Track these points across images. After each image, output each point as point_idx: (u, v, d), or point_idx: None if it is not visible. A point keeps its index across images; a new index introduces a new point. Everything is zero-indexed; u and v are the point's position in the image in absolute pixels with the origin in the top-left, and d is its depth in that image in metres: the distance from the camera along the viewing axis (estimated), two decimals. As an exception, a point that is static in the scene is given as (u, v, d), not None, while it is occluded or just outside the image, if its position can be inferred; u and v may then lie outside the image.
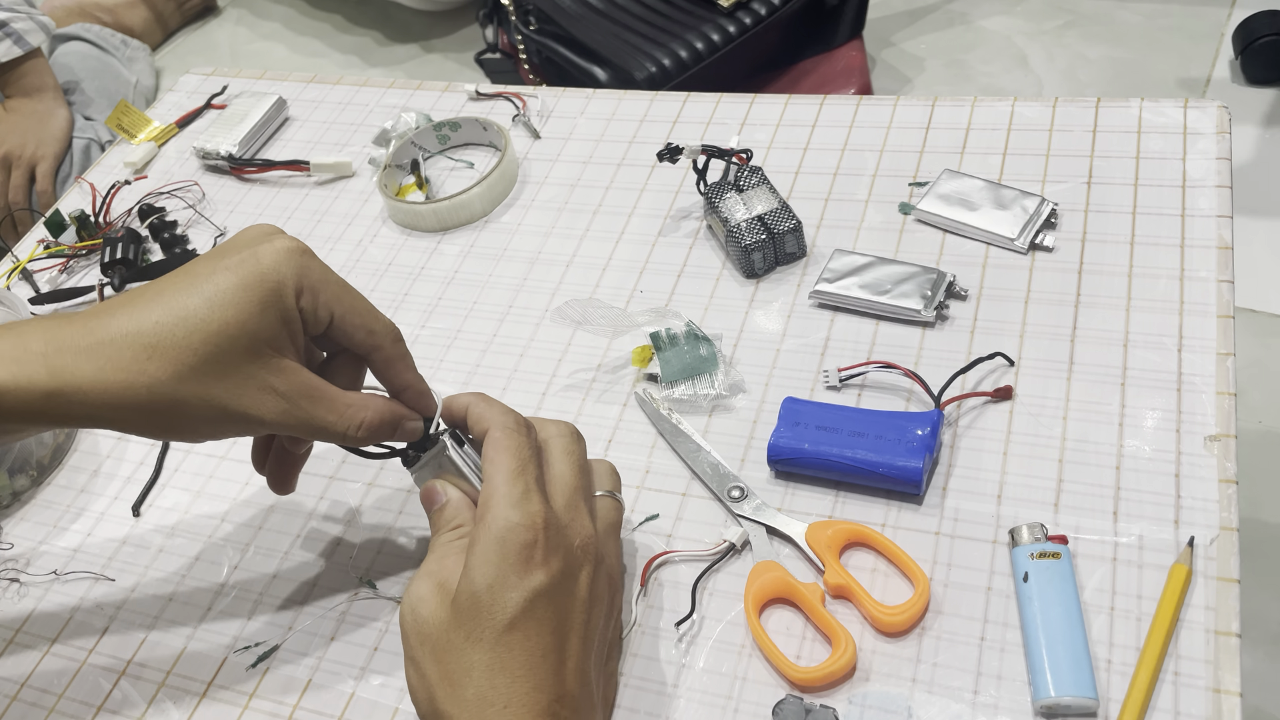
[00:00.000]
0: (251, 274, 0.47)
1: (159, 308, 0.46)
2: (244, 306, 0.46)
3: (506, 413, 0.51)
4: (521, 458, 0.49)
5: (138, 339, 0.45)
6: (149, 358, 0.45)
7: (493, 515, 0.47)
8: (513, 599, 0.45)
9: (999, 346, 0.61)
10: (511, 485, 0.48)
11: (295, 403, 0.48)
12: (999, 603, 0.52)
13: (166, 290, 0.47)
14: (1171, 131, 0.70)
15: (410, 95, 0.93)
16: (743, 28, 1.64)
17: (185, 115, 0.97)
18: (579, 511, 0.50)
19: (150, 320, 0.46)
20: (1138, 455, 0.55)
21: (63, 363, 0.45)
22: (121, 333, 0.46)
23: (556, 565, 0.47)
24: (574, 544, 0.48)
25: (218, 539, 0.64)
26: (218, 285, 0.46)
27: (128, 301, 0.47)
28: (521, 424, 0.51)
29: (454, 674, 0.45)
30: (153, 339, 0.46)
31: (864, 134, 0.77)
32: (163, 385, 0.46)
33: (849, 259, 0.67)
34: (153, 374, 0.45)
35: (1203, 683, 0.47)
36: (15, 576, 0.64)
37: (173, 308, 0.46)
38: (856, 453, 0.56)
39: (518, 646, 0.45)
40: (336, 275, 0.50)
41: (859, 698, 0.50)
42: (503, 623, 0.45)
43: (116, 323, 0.46)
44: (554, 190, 0.81)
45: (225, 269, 0.47)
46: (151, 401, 0.46)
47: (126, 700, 0.57)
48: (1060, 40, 1.89)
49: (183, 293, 0.46)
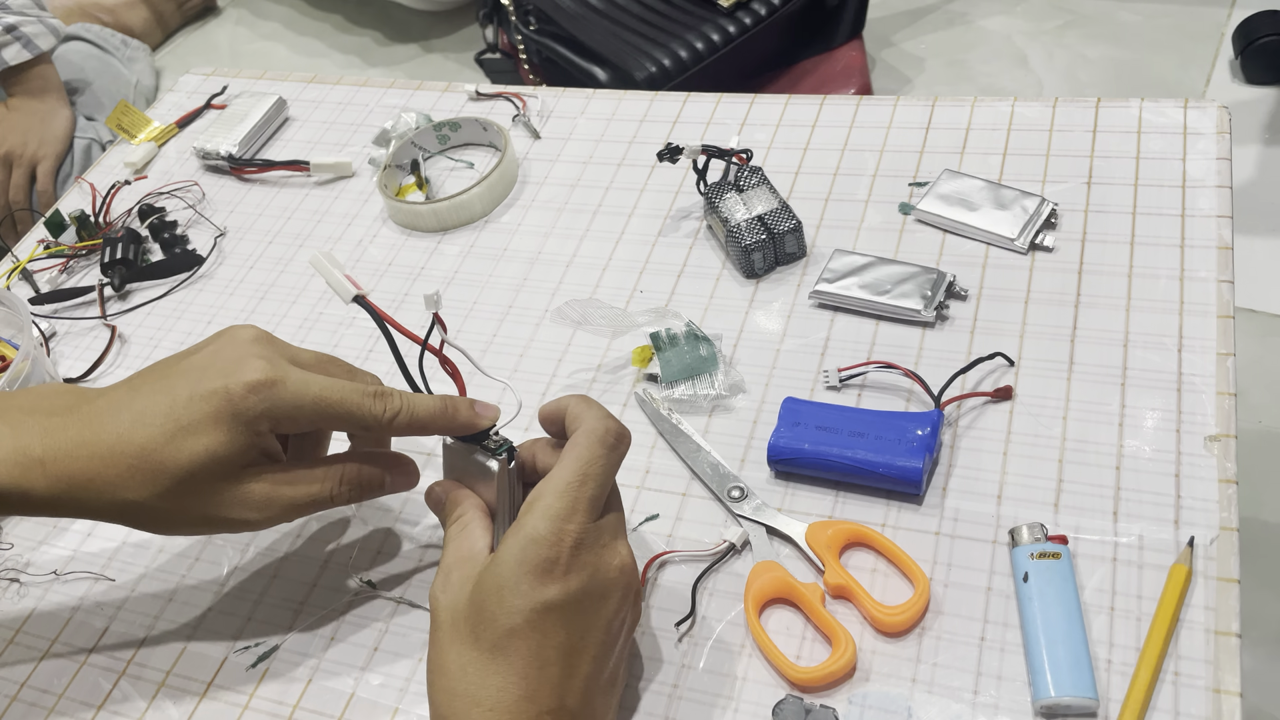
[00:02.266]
0: (223, 409, 0.49)
1: (140, 430, 0.49)
2: (213, 443, 0.49)
3: (601, 420, 0.50)
4: (585, 472, 0.48)
5: (123, 457, 0.49)
6: (132, 477, 0.49)
7: (528, 520, 0.47)
8: (519, 606, 0.45)
9: (999, 346, 0.61)
10: (559, 497, 0.47)
11: (275, 502, 0.51)
12: (999, 603, 0.52)
13: (147, 408, 0.50)
14: (1171, 132, 0.70)
15: (410, 95, 0.93)
16: (743, 28, 1.64)
17: (185, 115, 0.97)
18: (619, 535, 0.49)
19: (134, 443, 0.49)
20: (1138, 455, 0.55)
21: (60, 471, 0.49)
22: (109, 448, 0.49)
23: (577, 583, 0.46)
24: (607, 566, 0.47)
25: (218, 539, 0.64)
26: (191, 414, 0.49)
27: (115, 407, 0.50)
28: (611, 438, 0.49)
29: (451, 666, 0.45)
30: (136, 460, 0.49)
31: (864, 134, 0.77)
32: (146, 500, 0.49)
33: (849, 259, 0.67)
34: (136, 491, 0.49)
35: (1203, 683, 0.47)
36: (15, 576, 0.64)
37: (151, 433, 0.49)
38: (856, 453, 0.56)
39: (516, 654, 0.45)
40: (312, 390, 0.50)
41: (859, 698, 0.50)
42: (505, 627, 0.45)
43: (107, 436, 0.49)
44: (554, 190, 0.81)
45: (200, 398, 0.49)
46: (137, 510, 0.50)
47: (126, 700, 0.57)
48: (1060, 40, 1.89)
49: (159, 416, 0.49)
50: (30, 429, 0.50)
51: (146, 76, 2.07)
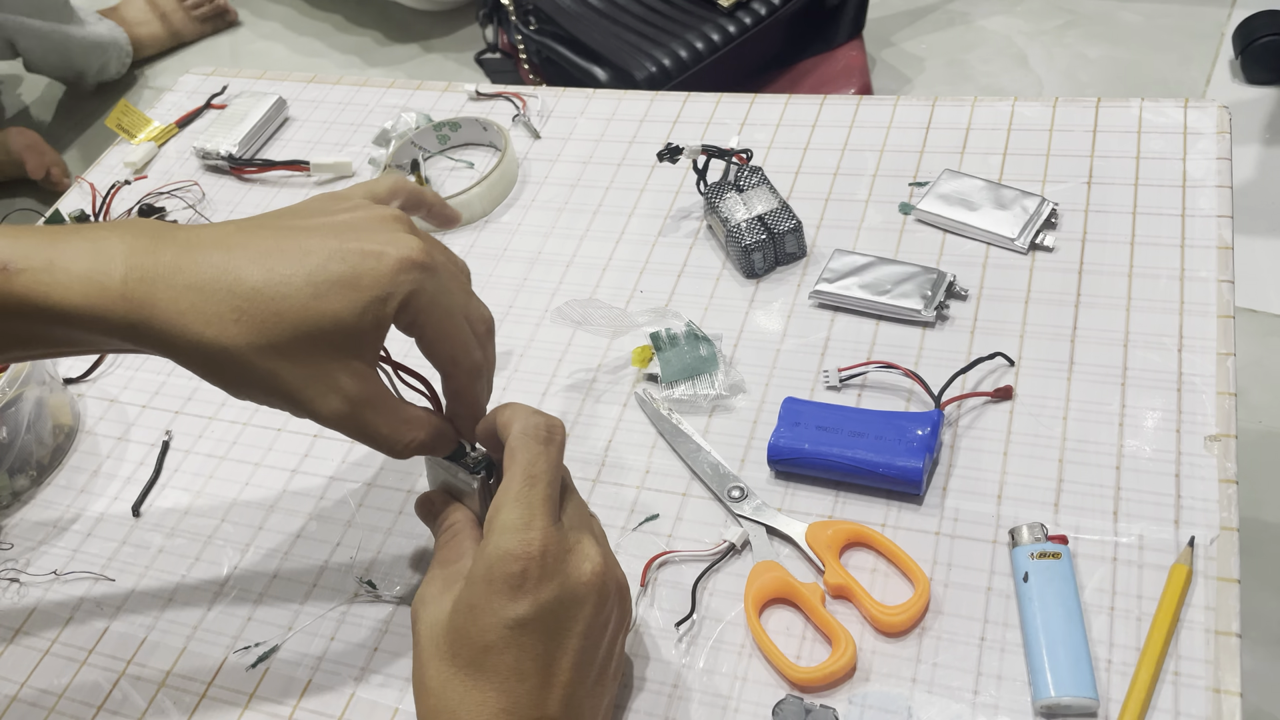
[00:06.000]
0: (367, 275, 0.44)
1: (259, 269, 0.44)
2: (346, 304, 0.44)
3: (529, 417, 0.48)
4: (530, 473, 0.46)
5: (229, 297, 0.43)
6: (236, 320, 0.43)
7: (490, 538, 0.45)
8: (491, 624, 0.44)
9: (999, 346, 0.61)
10: (513, 507, 0.46)
11: (357, 407, 0.46)
12: (999, 603, 0.52)
13: (271, 249, 0.44)
14: (1171, 131, 0.70)
15: (410, 95, 0.93)
16: (743, 28, 1.64)
17: (185, 115, 0.96)
18: (585, 536, 0.48)
19: (247, 282, 0.43)
20: (1138, 455, 0.55)
21: (143, 295, 0.43)
22: (212, 282, 0.43)
23: (548, 594, 0.45)
24: (578, 572, 0.46)
25: (218, 539, 0.64)
26: (327, 270, 0.44)
27: (223, 242, 0.45)
28: (542, 431, 0.47)
29: (432, 683, 0.45)
30: (244, 301, 0.43)
31: (864, 134, 0.77)
32: (240, 350, 0.43)
33: (849, 259, 0.67)
34: (234, 336, 0.43)
35: (1203, 683, 0.47)
36: (15, 576, 0.64)
37: (273, 276, 0.44)
38: (856, 453, 0.56)
39: (493, 670, 0.44)
40: (446, 300, 0.47)
41: (859, 698, 0.50)
42: (480, 645, 0.44)
43: (209, 268, 0.44)
44: (554, 190, 0.81)
45: (341, 255, 0.44)
46: (223, 358, 0.44)
47: (126, 700, 0.57)
48: (1060, 40, 1.89)
49: (288, 260, 0.44)
50: (113, 241, 0.44)
51: None
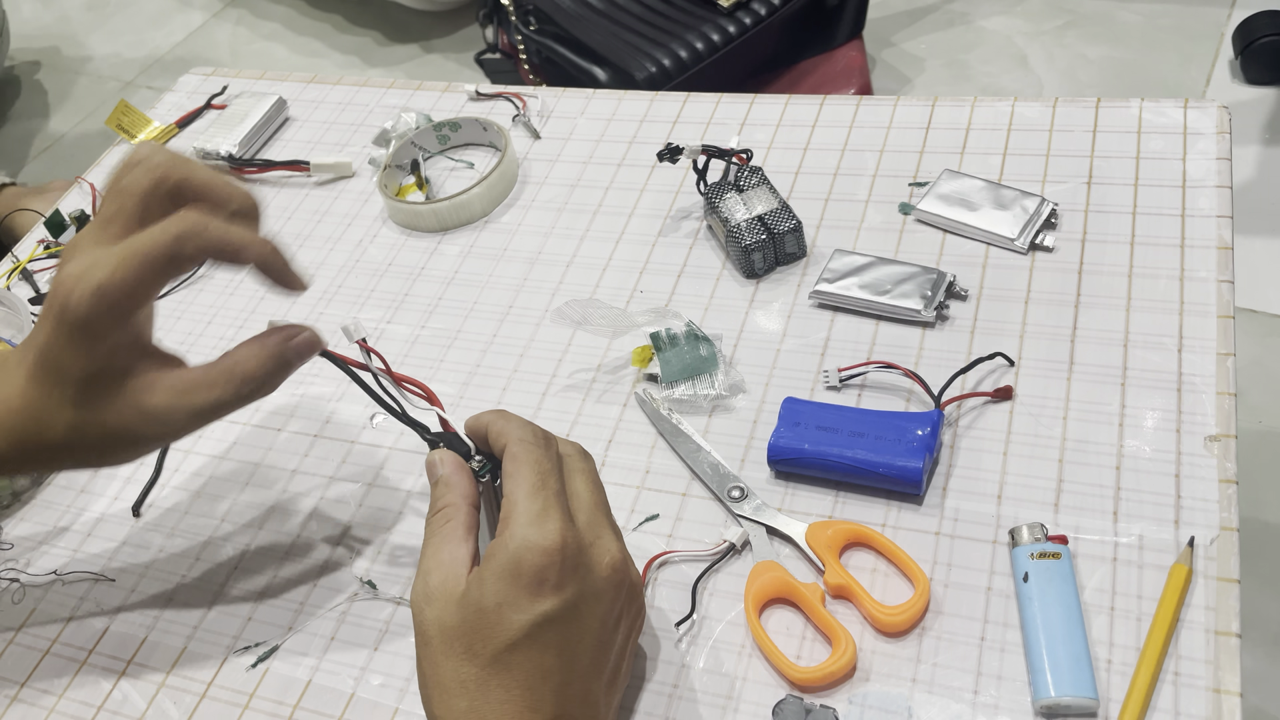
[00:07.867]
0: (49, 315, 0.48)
1: None
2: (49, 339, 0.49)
3: (525, 426, 0.50)
4: (541, 471, 0.47)
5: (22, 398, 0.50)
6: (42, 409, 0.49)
7: (511, 532, 0.46)
8: (518, 621, 0.44)
9: (999, 346, 0.61)
10: (531, 501, 0.46)
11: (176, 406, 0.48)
12: (999, 603, 0.52)
13: None
14: (1171, 132, 0.71)
15: (410, 95, 0.93)
16: (743, 28, 1.64)
17: (185, 115, 0.96)
18: (602, 530, 0.48)
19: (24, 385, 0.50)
20: (1138, 455, 0.55)
21: None
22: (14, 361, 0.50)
23: (571, 590, 0.45)
24: (598, 566, 0.47)
25: (218, 539, 0.64)
26: None
27: None
28: (540, 437, 0.49)
29: (449, 682, 0.45)
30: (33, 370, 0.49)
31: (864, 134, 0.77)
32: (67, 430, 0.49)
33: (849, 259, 0.67)
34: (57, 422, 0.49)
35: (1203, 683, 0.47)
36: (15, 576, 0.64)
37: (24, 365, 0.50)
38: (856, 453, 0.56)
39: (517, 666, 0.44)
40: None
41: (859, 698, 0.50)
42: (504, 643, 0.44)
43: None
44: (554, 190, 0.81)
45: None
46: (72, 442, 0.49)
47: (126, 700, 0.57)
48: (1060, 40, 1.89)
49: None
50: None
51: None
